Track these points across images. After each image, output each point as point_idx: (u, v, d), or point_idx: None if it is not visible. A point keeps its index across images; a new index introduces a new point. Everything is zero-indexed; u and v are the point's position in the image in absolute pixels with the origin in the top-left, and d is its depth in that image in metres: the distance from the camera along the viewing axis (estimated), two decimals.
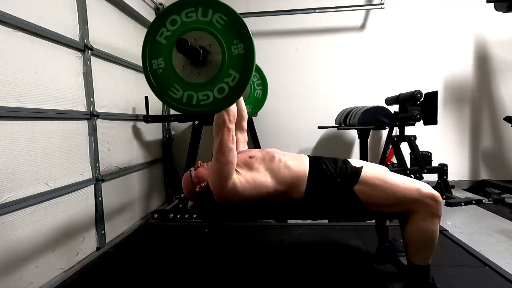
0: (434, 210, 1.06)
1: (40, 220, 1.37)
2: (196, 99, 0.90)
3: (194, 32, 0.88)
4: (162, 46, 0.91)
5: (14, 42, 1.28)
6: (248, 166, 1.18)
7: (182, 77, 0.90)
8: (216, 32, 0.86)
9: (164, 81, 0.92)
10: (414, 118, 2.15)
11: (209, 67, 0.88)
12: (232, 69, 0.86)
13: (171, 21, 0.89)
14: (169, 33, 0.90)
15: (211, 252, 1.68)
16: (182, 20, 0.88)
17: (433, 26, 2.89)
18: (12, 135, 1.25)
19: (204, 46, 0.87)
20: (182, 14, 0.88)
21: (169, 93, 0.92)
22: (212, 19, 0.86)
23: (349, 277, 1.34)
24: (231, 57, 0.86)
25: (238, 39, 0.85)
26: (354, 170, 1.15)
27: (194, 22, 0.87)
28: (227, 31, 0.86)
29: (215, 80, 0.88)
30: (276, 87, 3.02)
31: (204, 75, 0.89)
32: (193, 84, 0.90)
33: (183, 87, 0.90)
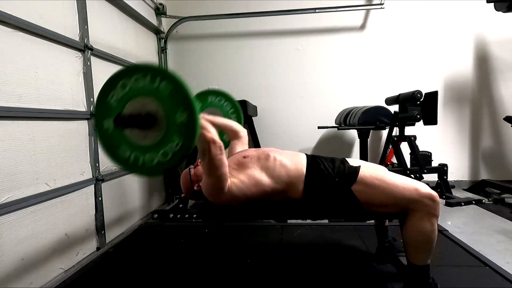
0: (432, 210, 1.06)
1: (40, 220, 1.37)
2: (142, 161, 0.93)
3: (142, 97, 0.91)
4: (112, 108, 0.94)
5: (14, 42, 1.28)
6: (242, 166, 1.18)
7: (129, 139, 0.94)
8: (162, 99, 0.90)
9: (113, 141, 0.95)
10: (414, 118, 2.15)
11: (154, 131, 0.91)
12: (176, 135, 0.89)
13: (122, 85, 0.93)
14: (119, 97, 0.94)
15: (211, 252, 1.68)
16: (132, 85, 0.92)
17: (433, 26, 2.89)
18: (12, 135, 1.25)
19: (150, 111, 0.91)
20: (132, 79, 0.92)
21: (118, 153, 0.95)
22: (159, 86, 0.90)
23: (349, 277, 1.34)
24: (175, 124, 0.89)
25: (182, 107, 0.88)
26: (352, 170, 1.15)
27: (143, 88, 0.91)
28: (173, 99, 0.89)
29: (160, 144, 0.91)
30: (276, 87, 3.02)
31: (149, 138, 0.92)
32: (139, 146, 0.93)
33: (130, 148, 0.94)
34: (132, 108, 0.92)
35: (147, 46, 2.70)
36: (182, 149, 0.89)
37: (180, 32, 3.03)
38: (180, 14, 2.91)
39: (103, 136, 0.96)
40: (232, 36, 3.03)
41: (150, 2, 2.74)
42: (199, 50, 3.06)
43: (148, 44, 2.74)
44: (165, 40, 2.97)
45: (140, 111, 0.91)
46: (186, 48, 3.07)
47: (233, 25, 3.00)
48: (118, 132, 0.94)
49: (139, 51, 2.50)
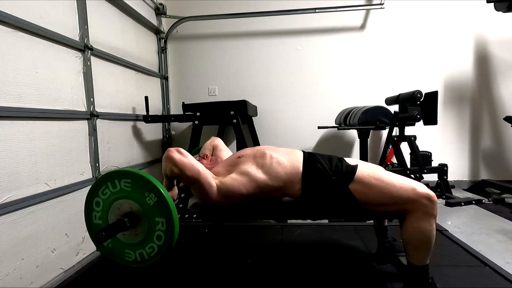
0: (430, 210, 1.05)
1: (40, 220, 1.37)
2: (146, 253, 1.02)
3: (116, 203, 1.01)
4: (100, 226, 1.05)
5: (14, 42, 1.28)
6: (235, 166, 1.19)
7: (127, 243, 1.03)
8: (129, 195, 1.00)
9: (117, 251, 1.06)
10: (414, 118, 2.15)
11: (140, 224, 1.01)
12: (157, 217, 0.99)
13: (96, 203, 1.04)
14: (100, 213, 1.04)
15: (211, 252, 1.67)
16: (102, 198, 1.03)
17: (433, 26, 2.89)
18: (12, 135, 1.25)
19: (127, 211, 1.00)
20: (100, 194, 1.03)
21: (126, 259, 1.05)
22: (121, 186, 1.00)
23: (349, 277, 1.34)
24: (150, 207, 0.99)
25: (147, 191, 0.98)
26: (349, 169, 1.15)
27: (111, 195, 1.02)
28: (137, 189, 0.99)
29: (150, 233, 1.00)
30: (276, 87, 3.03)
31: (140, 232, 1.01)
32: (137, 243, 1.02)
33: (132, 249, 1.04)
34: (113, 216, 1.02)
35: (147, 46, 2.70)
36: (169, 224, 0.98)
37: (180, 32, 3.04)
38: (180, 14, 2.91)
39: (109, 254, 1.07)
40: (232, 36, 3.03)
41: (150, 2, 2.74)
42: (199, 50, 3.06)
43: (148, 44, 2.74)
44: (165, 40, 2.97)
45: (119, 216, 1.00)
46: (186, 48, 3.07)
47: (233, 25, 3.00)
48: (116, 243, 1.04)
49: (139, 51, 2.50)
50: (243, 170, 1.15)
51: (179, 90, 3.10)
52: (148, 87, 2.65)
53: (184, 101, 2.46)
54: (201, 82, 3.07)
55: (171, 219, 0.98)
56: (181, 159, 1.09)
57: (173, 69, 3.08)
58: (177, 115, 2.46)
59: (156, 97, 2.89)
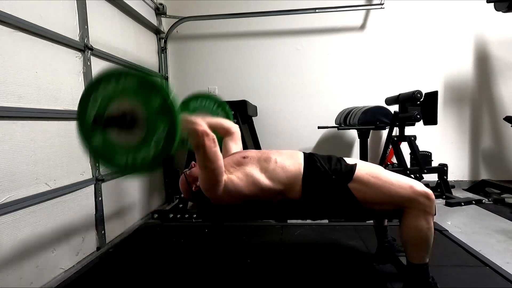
0: (428, 208, 1.06)
1: (40, 220, 1.37)
2: (140, 159, 0.93)
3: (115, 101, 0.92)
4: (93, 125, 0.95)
5: (14, 42, 1.28)
6: (241, 166, 1.19)
7: (120, 144, 0.94)
8: (132, 95, 0.91)
9: (106, 153, 0.96)
10: (414, 118, 2.15)
11: (139, 127, 0.92)
12: (159, 121, 0.90)
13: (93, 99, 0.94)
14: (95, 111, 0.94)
15: (211, 252, 1.68)
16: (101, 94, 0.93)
17: (433, 26, 2.89)
18: (12, 135, 1.25)
19: (126, 110, 0.92)
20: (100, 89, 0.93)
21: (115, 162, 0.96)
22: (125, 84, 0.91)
23: (349, 277, 1.34)
24: (153, 110, 0.90)
25: (153, 92, 0.89)
26: (348, 168, 1.15)
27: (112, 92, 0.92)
28: (141, 90, 0.90)
29: (148, 137, 0.91)
30: (276, 87, 3.02)
31: (137, 136, 0.92)
32: (132, 147, 0.93)
33: (125, 153, 0.94)
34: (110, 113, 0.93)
35: (147, 46, 2.70)
36: (170, 130, 0.89)
37: (180, 32, 3.03)
38: (180, 14, 2.91)
39: (96, 153, 0.97)
40: (232, 36, 3.03)
41: (150, 2, 2.74)
42: (199, 50, 3.06)
43: (148, 44, 2.74)
44: (165, 40, 2.97)
45: (117, 113, 0.92)
46: (186, 48, 3.07)
47: (233, 25, 3.00)
48: (108, 143, 0.95)
49: (139, 51, 2.50)
50: (248, 172, 1.15)
51: (179, 90, 3.08)
52: None
53: None
54: (201, 82, 3.07)
55: (173, 125, 0.90)
56: (211, 148, 1.03)
57: (173, 69, 3.08)
58: None
59: None
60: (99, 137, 0.95)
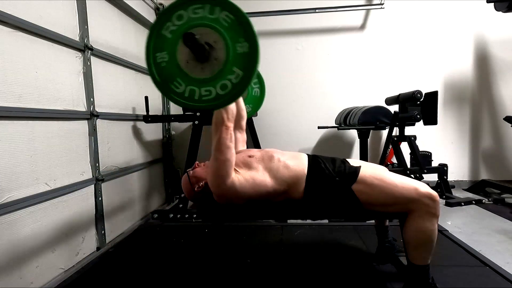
0: (432, 210, 1.06)
1: (40, 220, 1.37)
2: (199, 94, 0.90)
3: (200, 28, 0.87)
4: (167, 39, 0.90)
5: (14, 42, 1.28)
6: (247, 165, 1.18)
7: (186, 72, 0.90)
8: (222, 30, 0.86)
9: (167, 74, 0.91)
10: (414, 118, 2.15)
11: (213, 63, 0.88)
12: (236, 67, 0.86)
13: (178, 16, 0.88)
14: (175, 28, 0.89)
15: (211, 252, 1.67)
16: (189, 15, 0.88)
17: (433, 26, 2.89)
18: (12, 135, 1.25)
19: (209, 42, 0.87)
20: (189, 9, 0.87)
21: (172, 87, 0.91)
22: (219, 17, 0.86)
23: (349, 277, 1.34)
24: (236, 55, 0.86)
25: (243, 37, 0.85)
26: (352, 170, 1.15)
27: (201, 18, 0.87)
28: (233, 30, 0.86)
29: (218, 77, 0.88)
30: (276, 87, 3.02)
31: (208, 71, 0.89)
32: (196, 79, 0.90)
33: (186, 81, 0.90)
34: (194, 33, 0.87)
35: None
36: (242, 81, 0.86)
37: None
38: None
39: (156, 68, 0.91)
40: None
41: (150, 2, 2.74)
42: None
43: None
44: None
45: (199, 41, 0.86)
46: None
47: None
48: (172, 66, 0.90)
49: (139, 51, 2.49)
50: (254, 174, 1.15)
51: None
52: (148, 87, 2.65)
53: None
54: None
55: (248, 78, 0.86)
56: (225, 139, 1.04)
57: None
58: (177, 115, 2.46)
59: (156, 97, 2.88)
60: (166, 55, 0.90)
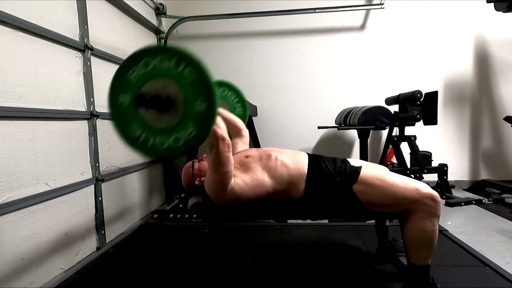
0: (433, 210, 1.06)
1: (40, 220, 1.37)
2: (152, 142, 0.91)
3: (164, 79, 0.89)
4: (131, 83, 0.92)
5: (14, 42, 1.28)
6: (244, 166, 1.18)
7: (143, 119, 0.91)
8: (183, 85, 0.87)
9: (127, 117, 0.93)
10: (414, 118, 2.15)
11: (171, 115, 0.89)
12: (192, 124, 0.87)
13: (145, 63, 0.90)
14: (140, 74, 0.91)
15: (211, 252, 1.67)
16: (155, 64, 0.89)
17: (433, 26, 2.89)
18: (12, 135, 1.25)
19: (170, 95, 0.88)
20: (157, 59, 0.89)
21: (128, 130, 0.93)
22: (183, 71, 0.87)
23: (349, 277, 1.34)
24: (193, 112, 0.87)
25: (203, 96, 0.86)
26: (353, 170, 1.15)
27: (167, 69, 0.88)
28: (195, 86, 0.87)
29: (173, 129, 0.89)
30: (276, 87, 3.02)
31: (165, 122, 0.89)
32: (152, 128, 0.91)
33: (143, 128, 0.91)
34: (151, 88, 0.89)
35: None
36: (195, 138, 0.87)
37: (180, 32, 3.03)
38: (180, 14, 2.90)
39: (116, 111, 0.93)
40: (232, 36, 3.03)
41: (150, 2, 2.74)
42: (199, 50, 3.06)
43: (148, 44, 2.74)
44: (165, 40, 2.96)
45: (159, 93, 0.88)
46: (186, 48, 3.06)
47: (233, 25, 3.00)
48: (132, 109, 0.91)
49: None
50: (253, 175, 1.15)
51: None
52: None
53: None
54: None
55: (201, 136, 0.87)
56: (224, 153, 1.01)
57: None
58: None
59: None
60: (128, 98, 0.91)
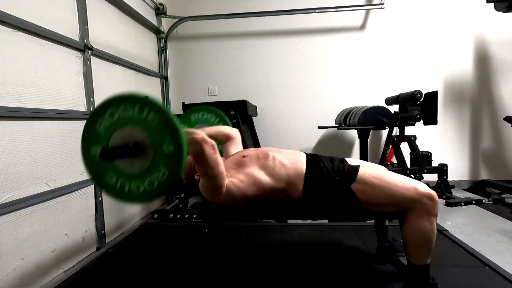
0: (431, 209, 1.06)
1: (40, 220, 1.37)
2: (128, 188, 0.93)
3: (130, 126, 0.92)
4: (100, 135, 0.95)
5: (14, 42, 1.28)
6: (241, 166, 1.18)
7: (116, 167, 0.94)
8: (149, 130, 0.90)
9: (99, 167, 0.96)
10: (414, 118, 2.15)
11: (141, 160, 0.92)
12: (163, 166, 0.90)
13: (110, 113, 0.93)
14: (107, 125, 0.94)
15: (211, 252, 1.68)
16: (120, 114, 0.92)
17: (433, 26, 2.89)
18: (12, 135, 1.25)
19: (138, 141, 0.91)
20: (121, 108, 0.92)
21: (104, 180, 0.95)
22: (147, 116, 0.90)
23: (349, 277, 1.34)
24: (162, 154, 0.89)
25: (170, 138, 0.88)
26: (351, 169, 1.15)
27: (131, 117, 0.91)
28: (160, 130, 0.89)
29: (146, 173, 0.91)
30: (276, 87, 3.02)
31: (137, 167, 0.92)
32: (126, 174, 0.93)
33: (117, 175, 0.94)
34: (119, 137, 0.93)
35: (147, 46, 2.70)
36: (168, 179, 0.90)
37: (180, 32, 3.03)
38: (180, 14, 2.91)
39: (89, 163, 0.97)
40: (232, 36, 3.03)
41: (150, 2, 2.74)
42: (199, 50, 3.06)
43: (148, 44, 2.74)
44: (165, 40, 2.97)
45: (127, 141, 0.92)
46: (186, 48, 3.07)
47: (233, 25, 3.00)
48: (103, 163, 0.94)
49: (139, 51, 2.50)
50: (249, 173, 1.14)
51: (179, 90, 3.10)
52: (148, 87, 2.65)
53: (184, 101, 2.46)
54: (201, 82, 3.07)
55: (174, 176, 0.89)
56: (210, 155, 1.00)
57: (173, 69, 3.08)
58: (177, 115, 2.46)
59: (156, 97, 2.88)
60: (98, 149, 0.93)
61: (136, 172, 0.92)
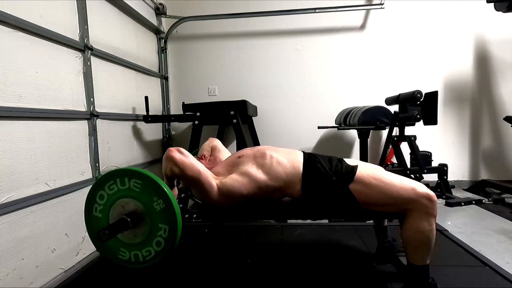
0: (430, 210, 1.06)
1: (40, 220, 1.37)
2: (142, 256, 1.02)
3: (121, 200, 1.00)
4: (99, 219, 1.04)
5: (14, 42, 1.28)
6: (236, 166, 1.18)
7: (123, 241, 1.03)
8: (137, 196, 0.99)
9: (111, 248, 1.05)
10: (414, 118, 2.15)
11: (141, 226, 1.00)
12: (161, 223, 0.99)
13: (99, 196, 1.03)
14: (101, 207, 1.03)
15: (211, 252, 1.67)
16: (107, 193, 1.01)
17: (433, 26, 2.89)
18: (12, 135, 1.25)
19: (131, 210, 1.00)
20: (106, 188, 1.01)
21: (119, 257, 1.04)
22: (130, 185, 0.99)
23: (349, 277, 1.34)
24: (156, 213, 0.98)
25: (156, 195, 0.97)
26: (349, 169, 1.15)
27: (117, 191, 1.00)
28: (145, 192, 0.98)
29: (150, 236, 1.00)
30: (276, 87, 3.03)
31: (140, 234, 1.01)
32: (134, 244, 1.02)
33: (128, 248, 1.03)
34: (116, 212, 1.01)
35: (147, 46, 2.70)
36: (171, 233, 0.98)
37: (180, 32, 3.04)
38: (180, 14, 2.91)
39: (101, 247, 1.05)
40: (232, 36, 3.03)
41: (150, 2, 2.74)
42: (199, 50, 3.06)
43: (148, 44, 2.74)
44: (165, 40, 2.97)
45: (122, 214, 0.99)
46: (186, 48, 3.07)
47: (233, 25, 3.00)
48: (111, 240, 1.00)
49: (139, 51, 2.50)
50: (244, 170, 1.14)
51: (179, 90, 3.10)
52: (148, 87, 2.65)
53: (184, 101, 2.46)
54: (201, 82, 3.07)
55: (175, 228, 0.98)
56: (181, 158, 1.07)
57: (173, 69, 3.08)
58: (177, 115, 2.47)
59: (156, 97, 2.89)
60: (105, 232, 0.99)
61: (141, 240, 1.00)
